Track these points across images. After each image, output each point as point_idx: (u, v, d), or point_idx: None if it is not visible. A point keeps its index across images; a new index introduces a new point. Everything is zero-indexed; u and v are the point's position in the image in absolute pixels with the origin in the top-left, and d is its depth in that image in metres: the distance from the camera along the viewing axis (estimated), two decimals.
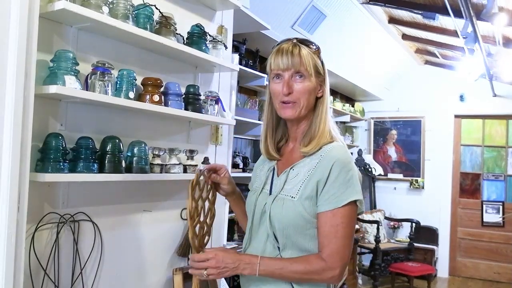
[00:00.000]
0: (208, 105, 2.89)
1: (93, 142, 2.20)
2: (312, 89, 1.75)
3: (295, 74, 1.74)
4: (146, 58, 2.64)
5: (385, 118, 8.44)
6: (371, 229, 7.18)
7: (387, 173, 8.35)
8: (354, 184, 1.67)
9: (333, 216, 1.64)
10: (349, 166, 1.68)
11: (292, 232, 1.70)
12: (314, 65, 1.75)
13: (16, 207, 1.73)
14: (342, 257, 1.64)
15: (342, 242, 1.64)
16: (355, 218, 1.69)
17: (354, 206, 1.67)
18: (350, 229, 1.66)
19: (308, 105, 1.76)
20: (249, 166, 4.94)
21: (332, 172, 1.66)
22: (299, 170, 1.74)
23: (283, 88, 1.73)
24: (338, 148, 1.71)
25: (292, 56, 1.73)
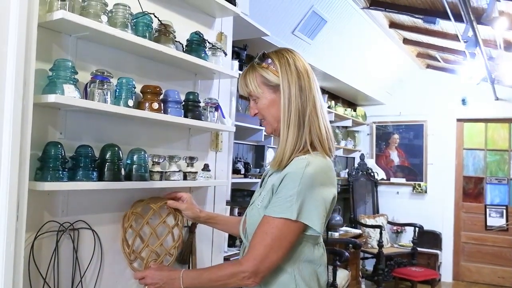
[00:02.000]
0: (208, 112, 2.88)
1: (93, 150, 2.20)
2: (269, 103, 1.81)
3: (251, 98, 1.86)
4: (145, 66, 2.64)
5: (387, 122, 8.43)
6: (374, 234, 7.17)
7: (390, 178, 8.34)
8: (292, 201, 1.65)
9: (267, 222, 1.69)
10: (298, 182, 1.66)
11: None
12: (261, 81, 1.81)
13: (15, 216, 1.72)
14: (257, 264, 1.66)
15: (265, 251, 1.66)
16: (289, 235, 1.68)
17: (289, 223, 1.66)
18: (279, 242, 1.66)
19: (275, 117, 1.81)
20: (250, 172, 4.94)
21: (281, 182, 1.69)
22: (272, 179, 1.81)
23: (249, 112, 1.90)
24: (299, 161, 1.71)
25: (240, 84, 1.87)
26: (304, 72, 1.81)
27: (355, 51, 6.40)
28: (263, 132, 4.91)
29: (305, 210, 1.66)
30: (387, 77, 7.84)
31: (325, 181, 1.73)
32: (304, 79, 1.79)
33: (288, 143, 1.74)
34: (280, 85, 1.78)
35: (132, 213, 2.47)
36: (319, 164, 1.71)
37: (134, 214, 2.47)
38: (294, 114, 1.75)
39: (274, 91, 1.79)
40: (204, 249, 3.10)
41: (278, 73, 1.79)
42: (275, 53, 1.84)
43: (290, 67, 1.80)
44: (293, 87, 1.77)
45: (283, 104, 1.76)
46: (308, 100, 1.78)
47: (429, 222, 7.77)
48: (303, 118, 1.76)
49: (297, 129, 1.75)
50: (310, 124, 1.77)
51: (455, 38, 5.61)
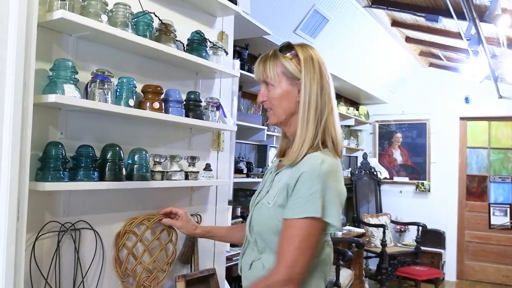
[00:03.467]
0: (209, 111, 2.88)
1: (93, 150, 2.20)
2: (283, 94, 1.79)
3: (265, 83, 1.83)
4: (146, 65, 2.64)
5: (390, 121, 8.42)
6: (377, 233, 7.15)
7: (393, 177, 8.33)
8: (315, 199, 1.63)
9: (290, 226, 1.66)
10: (317, 180, 1.65)
11: (267, 237, 1.74)
12: (282, 72, 1.78)
13: (16, 216, 1.72)
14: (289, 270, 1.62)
15: (294, 256, 1.62)
16: (315, 234, 1.66)
17: (314, 222, 1.64)
18: (307, 243, 1.64)
19: (285, 110, 1.79)
20: (253, 171, 4.94)
21: (298, 182, 1.67)
22: (281, 177, 1.78)
23: (258, 97, 1.87)
24: (313, 158, 1.69)
25: (258, 68, 1.84)
26: (325, 73, 1.80)
27: (358, 50, 6.39)
28: (265, 131, 4.91)
29: (326, 207, 1.65)
30: (389, 75, 7.83)
31: (338, 177, 1.72)
32: (325, 80, 1.79)
33: (307, 140, 1.73)
34: (302, 80, 1.76)
35: (126, 231, 2.48)
36: (332, 162, 1.70)
37: (128, 232, 2.49)
38: (313, 113, 1.74)
39: (292, 83, 1.78)
40: (206, 249, 3.09)
41: (301, 67, 1.77)
42: (301, 47, 1.82)
43: (314, 65, 1.78)
44: (315, 85, 1.76)
45: (303, 101, 1.75)
46: (328, 101, 1.77)
47: (433, 221, 7.75)
48: (321, 117, 1.75)
49: (315, 127, 1.74)
50: (326, 126, 1.76)
51: (458, 36, 5.60)
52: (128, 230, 2.48)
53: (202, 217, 3.04)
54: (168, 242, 2.67)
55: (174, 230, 2.66)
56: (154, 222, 2.57)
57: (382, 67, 7.40)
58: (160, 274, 2.60)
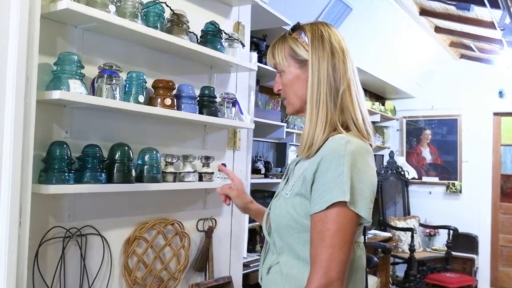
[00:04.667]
0: (225, 107, 2.87)
1: (101, 150, 2.19)
2: (293, 79, 1.72)
3: (277, 71, 1.78)
4: (157, 59, 2.63)
5: (418, 117, 8.35)
6: (405, 237, 7.10)
7: (422, 177, 8.25)
8: (342, 182, 1.50)
9: (319, 220, 1.52)
10: (342, 160, 1.52)
11: (285, 234, 1.64)
12: (289, 54, 1.73)
13: (18, 222, 1.71)
14: (326, 272, 1.48)
15: (329, 253, 1.49)
16: (349, 225, 1.51)
17: (345, 211, 1.50)
18: (341, 237, 1.49)
19: (299, 96, 1.72)
20: (271, 172, 4.91)
21: (319, 167, 1.55)
22: (302, 165, 1.68)
23: (274, 87, 1.82)
24: (334, 140, 1.58)
25: (268, 54, 1.80)
26: (340, 51, 1.70)
27: (383, 40, 6.34)
28: (284, 128, 4.88)
29: (354, 193, 1.52)
30: (417, 68, 7.75)
31: (369, 161, 1.62)
32: (338, 58, 1.69)
33: (319, 124, 1.64)
34: (309, 60, 1.69)
35: (135, 237, 2.47)
36: (360, 143, 1.61)
37: (138, 238, 2.49)
38: (325, 94, 1.65)
39: (301, 66, 1.71)
40: (221, 255, 3.09)
41: (308, 47, 1.70)
42: (310, 25, 1.75)
43: (324, 43, 1.70)
44: (325, 65, 1.67)
45: (311, 82, 1.67)
46: (342, 80, 1.67)
47: (464, 224, 7.67)
48: (336, 99, 1.65)
49: (329, 109, 1.64)
50: (343, 106, 1.66)
51: (491, 26, 5.52)
52: (138, 235, 2.47)
53: (217, 221, 3.03)
54: (180, 248, 2.66)
55: (187, 235, 2.64)
56: (166, 227, 2.56)
57: (409, 59, 7.33)
58: (172, 283, 2.60)
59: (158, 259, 2.56)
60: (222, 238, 3.12)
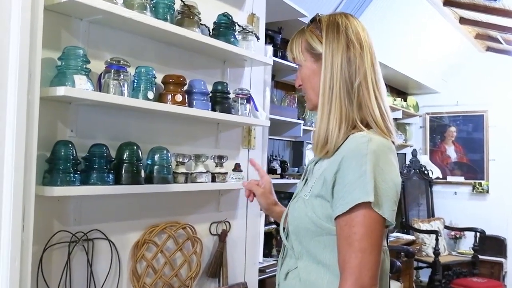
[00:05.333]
0: (239, 104, 2.87)
1: (108, 149, 2.19)
2: (310, 74, 1.72)
3: (297, 65, 1.78)
4: (166, 53, 2.63)
5: (443, 113, 8.31)
6: (429, 240, 7.06)
7: (446, 176, 8.21)
8: (365, 181, 1.48)
9: (345, 224, 1.50)
10: (364, 159, 1.50)
11: (304, 238, 1.63)
12: (305, 48, 1.72)
13: (21, 226, 1.71)
14: (357, 278, 1.46)
15: (359, 259, 1.47)
16: (376, 227, 1.50)
17: (371, 212, 1.48)
18: (370, 240, 1.48)
19: (316, 91, 1.69)
20: (288, 171, 4.89)
21: (341, 167, 1.53)
22: (321, 165, 1.66)
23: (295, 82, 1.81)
24: (354, 138, 1.57)
25: (288, 48, 1.79)
26: (357, 42, 1.68)
27: (405, 32, 6.31)
28: (301, 126, 4.85)
29: (377, 194, 1.50)
30: (441, 62, 7.71)
31: (392, 161, 1.59)
32: (355, 50, 1.66)
33: (331, 120, 1.61)
34: (323, 53, 1.68)
35: (145, 241, 2.46)
36: (382, 141, 1.58)
37: (148, 242, 2.48)
38: (339, 88, 1.63)
39: (316, 60, 1.70)
40: (236, 260, 3.08)
41: (323, 39, 1.69)
42: (327, 17, 1.74)
43: (339, 34, 1.68)
44: (339, 58, 1.65)
45: (323, 76, 1.65)
46: (358, 74, 1.64)
47: (492, 226, 7.60)
48: (350, 94, 1.63)
49: (344, 104, 1.62)
50: (360, 101, 1.63)
51: None
52: (147, 239, 2.46)
53: (231, 224, 3.02)
54: (192, 253, 2.66)
55: (199, 240, 2.63)
56: (177, 230, 2.55)
57: (433, 53, 7.30)
58: None
59: (168, 265, 2.55)
60: (237, 242, 3.11)
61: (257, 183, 2.07)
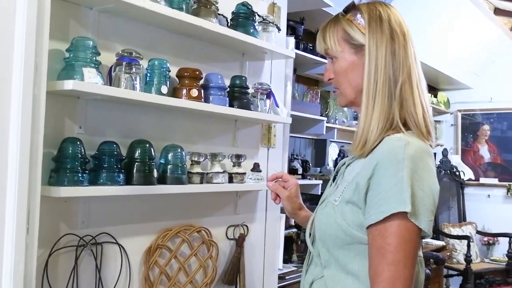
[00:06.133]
0: (258, 100, 2.87)
1: (119, 147, 2.19)
2: (348, 67, 1.68)
3: (330, 56, 1.73)
4: (182, 45, 2.63)
5: (475, 110, 8.27)
6: (460, 246, 7.02)
7: (479, 178, 8.17)
8: (401, 190, 1.46)
9: (378, 234, 1.49)
10: (401, 165, 1.48)
11: (332, 246, 1.61)
12: (343, 38, 1.68)
13: (25, 229, 1.70)
14: None
15: (392, 272, 1.46)
16: (412, 238, 1.48)
17: (406, 222, 1.46)
18: (404, 252, 1.47)
19: (353, 86, 1.68)
20: (310, 172, 4.88)
21: (375, 173, 1.51)
22: (353, 168, 1.65)
23: (324, 74, 1.78)
24: (393, 140, 1.54)
25: (318, 38, 1.75)
26: (401, 34, 1.66)
27: (435, 24, 6.28)
28: (324, 123, 4.84)
29: (415, 203, 1.48)
30: (474, 55, 7.66)
31: (431, 166, 1.57)
32: (399, 42, 1.65)
33: (374, 119, 1.60)
34: (366, 45, 1.65)
35: (158, 246, 2.46)
36: (420, 145, 1.56)
37: (161, 247, 2.47)
38: (382, 84, 1.61)
39: (356, 52, 1.67)
40: (254, 266, 3.07)
41: (366, 29, 1.66)
42: (367, 5, 1.71)
43: (382, 25, 1.65)
44: (383, 50, 1.63)
45: (367, 70, 1.63)
46: (402, 69, 1.63)
47: None
48: (394, 90, 1.61)
49: (385, 101, 1.60)
50: (402, 98, 1.62)
51: None
52: (160, 244, 2.46)
53: (249, 228, 3.01)
54: (207, 258, 2.66)
55: (215, 244, 2.63)
56: (191, 234, 2.54)
57: (465, 45, 7.27)
58: None
59: (182, 271, 2.55)
60: (255, 247, 3.10)
61: (283, 185, 2.05)
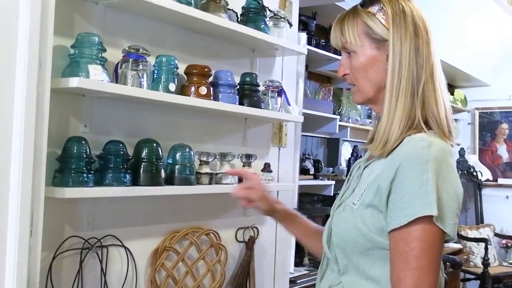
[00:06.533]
0: (269, 97, 2.86)
1: (125, 147, 2.19)
2: (368, 62, 1.65)
3: (345, 51, 1.71)
4: (190, 41, 2.63)
5: (494, 108, 8.24)
6: (477, 249, 7.00)
7: (497, 178, 8.14)
8: (427, 192, 1.45)
9: (400, 238, 1.48)
10: (425, 167, 1.47)
11: (351, 251, 1.60)
12: (364, 31, 1.65)
13: (29, 231, 1.71)
14: None
15: (416, 278, 1.45)
16: (436, 243, 1.47)
17: (431, 226, 1.46)
18: (428, 257, 1.46)
19: (373, 83, 1.66)
20: (322, 172, 4.87)
21: (398, 175, 1.50)
22: (372, 169, 1.64)
23: (338, 69, 1.75)
24: (416, 141, 1.53)
25: (334, 31, 1.72)
26: (424, 29, 1.64)
27: (452, 19, 6.26)
28: (337, 122, 4.83)
29: (440, 207, 1.47)
30: (493, 51, 7.63)
31: (453, 168, 1.57)
32: (422, 38, 1.63)
33: (397, 118, 1.59)
34: (390, 40, 1.63)
35: (165, 248, 2.46)
36: (443, 146, 1.55)
37: (168, 249, 2.47)
38: (406, 81, 1.60)
39: (378, 47, 1.65)
40: (264, 270, 3.07)
41: (389, 24, 1.63)
42: None
43: (406, 19, 1.63)
44: (407, 46, 1.62)
45: (391, 67, 1.61)
46: (425, 66, 1.61)
47: None
48: (416, 88, 1.60)
49: (408, 99, 1.59)
50: (424, 97, 1.60)
51: None
52: (167, 246, 2.46)
53: (259, 230, 3.01)
54: (216, 261, 2.65)
55: (224, 248, 2.62)
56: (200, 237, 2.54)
57: (483, 41, 7.23)
58: None
59: (190, 275, 2.55)
60: (265, 250, 3.10)
61: (249, 186, 2.01)
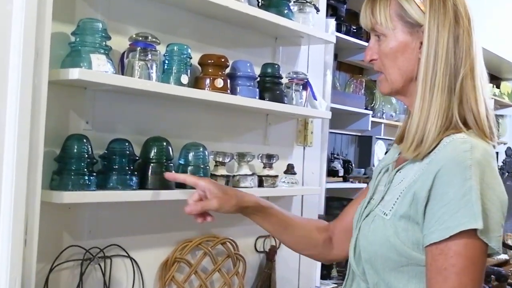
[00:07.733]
0: (293, 91, 2.85)
1: (131, 146, 2.18)
2: (398, 48, 1.61)
3: (375, 33, 1.67)
4: (205, 27, 2.62)
5: None
6: None
7: None
8: (471, 203, 1.41)
9: (439, 253, 1.44)
10: (468, 174, 1.43)
11: (382, 268, 1.56)
12: (397, 13, 1.61)
13: (23, 240, 1.70)
14: None
15: None
16: (480, 258, 1.44)
17: (475, 240, 1.42)
18: (471, 275, 1.43)
19: (402, 72, 1.62)
20: (352, 173, 4.84)
21: (437, 181, 1.46)
22: (406, 174, 1.60)
23: (365, 53, 1.71)
24: (454, 143, 1.49)
25: (364, 11, 1.68)
26: (465, 17, 1.60)
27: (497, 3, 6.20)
28: (370, 118, 4.80)
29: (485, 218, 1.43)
30: None
31: (497, 173, 1.53)
32: (463, 27, 1.58)
33: (432, 116, 1.54)
34: (426, 26, 1.58)
35: (175, 260, 2.45)
36: (485, 148, 1.51)
37: (179, 260, 2.46)
38: (442, 74, 1.55)
39: (411, 32, 1.62)
40: (287, 283, 3.06)
41: (426, 7, 1.59)
42: None
43: (446, 5, 1.59)
44: (445, 34, 1.57)
45: (426, 56, 1.57)
46: (465, 59, 1.57)
47: None
48: (454, 83, 1.56)
49: (445, 95, 1.55)
50: (462, 93, 1.56)
51: None
52: (178, 258, 2.46)
53: None
54: (233, 274, 2.65)
55: (242, 259, 2.60)
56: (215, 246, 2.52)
57: None
58: None
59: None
60: (288, 261, 3.08)
61: (201, 197, 1.88)
